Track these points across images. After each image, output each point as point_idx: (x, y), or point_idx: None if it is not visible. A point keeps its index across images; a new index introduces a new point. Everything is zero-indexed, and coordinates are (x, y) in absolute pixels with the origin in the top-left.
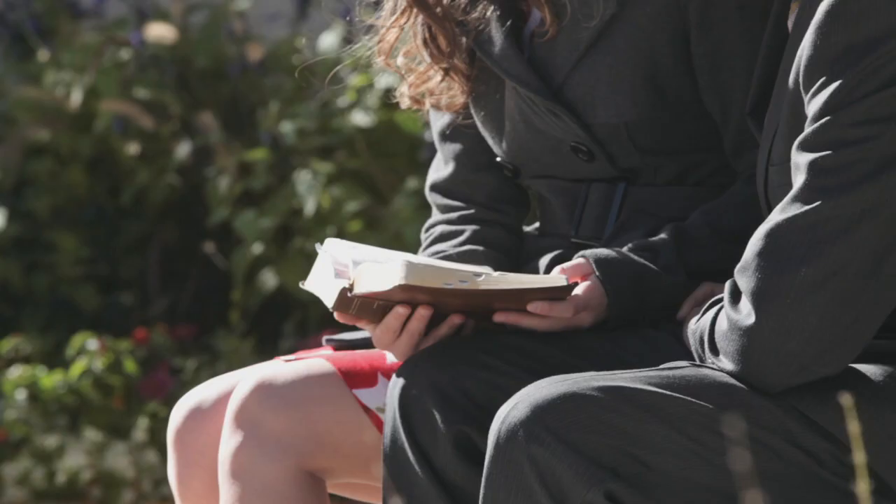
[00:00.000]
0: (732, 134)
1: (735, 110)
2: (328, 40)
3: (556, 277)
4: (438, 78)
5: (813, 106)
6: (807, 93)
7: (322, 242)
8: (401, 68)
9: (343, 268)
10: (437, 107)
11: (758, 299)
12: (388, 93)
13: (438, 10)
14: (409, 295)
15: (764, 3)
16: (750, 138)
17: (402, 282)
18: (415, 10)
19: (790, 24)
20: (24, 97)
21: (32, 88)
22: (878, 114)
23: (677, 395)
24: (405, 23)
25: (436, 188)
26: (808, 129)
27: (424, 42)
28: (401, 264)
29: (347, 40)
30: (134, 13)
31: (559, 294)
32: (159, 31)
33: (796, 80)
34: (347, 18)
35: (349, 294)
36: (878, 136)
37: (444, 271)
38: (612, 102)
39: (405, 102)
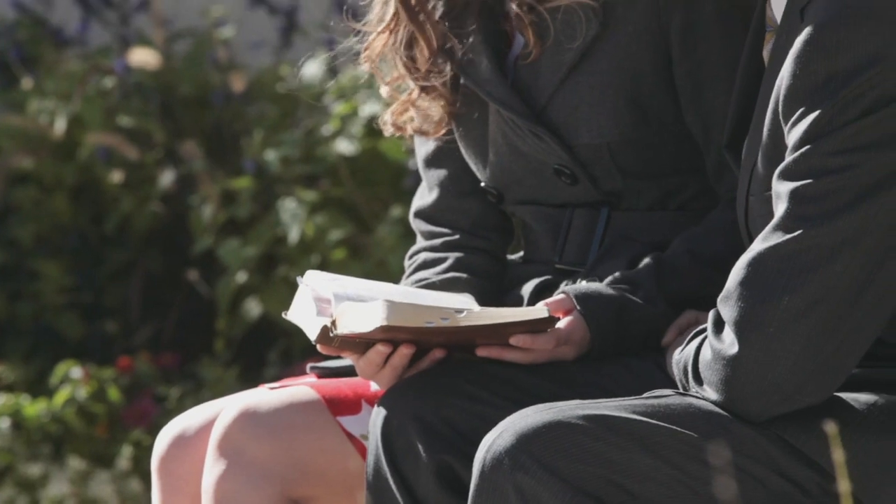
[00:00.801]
0: (714, 155)
1: (716, 131)
2: (312, 69)
3: (538, 309)
4: (421, 102)
5: (793, 135)
6: (786, 122)
7: (306, 271)
8: (384, 78)
9: (325, 303)
10: (419, 131)
11: (741, 329)
12: (373, 121)
13: (422, 16)
14: (390, 335)
15: (744, 23)
16: None
17: (384, 323)
18: (405, 19)
19: (765, 54)
20: (7, 125)
21: (16, 116)
22: (859, 142)
23: (662, 423)
24: (392, 28)
25: (420, 214)
26: (789, 158)
27: (407, 57)
28: (382, 305)
29: (332, 69)
30: (118, 41)
31: (541, 326)
32: (142, 57)
33: (775, 110)
34: (331, 47)
35: (331, 334)
36: (859, 165)
37: (425, 310)
38: (594, 123)
39: (388, 130)
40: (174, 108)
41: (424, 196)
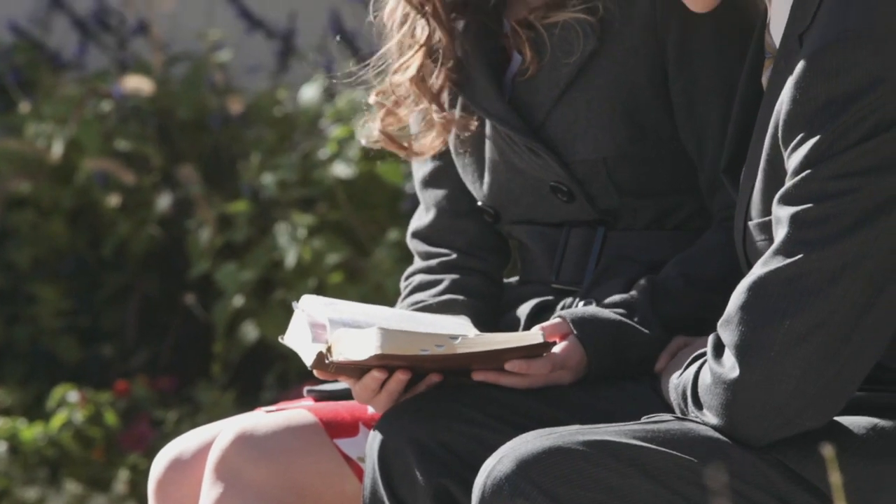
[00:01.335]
0: (708, 171)
1: (711, 147)
2: (309, 92)
3: (533, 334)
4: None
5: (793, 160)
6: (786, 147)
7: (302, 295)
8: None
9: (320, 329)
10: (416, 152)
11: (742, 352)
12: (368, 152)
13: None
14: (385, 362)
15: (741, 41)
16: None
17: (378, 351)
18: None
19: (764, 81)
20: (5, 149)
21: (13, 140)
22: (859, 167)
23: (662, 448)
24: (411, 65)
25: (417, 235)
26: (789, 182)
27: (420, 81)
28: (376, 333)
29: (329, 92)
30: (115, 65)
31: (536, 351)
32: (136, 84)
33: (774, 135)
34: (329, 71)
35: (326, 361)
36: (859, 189)
37: (420, 337)
38: (590, 138)
39: (377, 140)
40: (171, 131)
41: (421, 217)
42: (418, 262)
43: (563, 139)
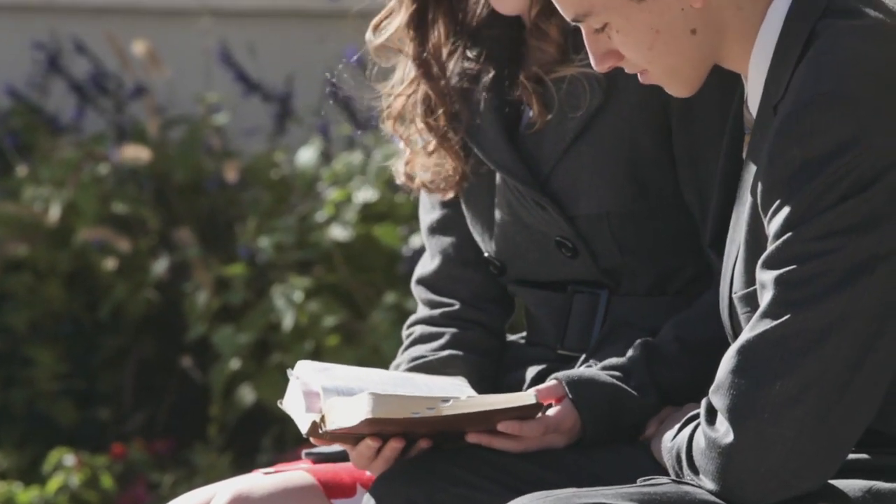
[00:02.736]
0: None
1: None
2: (306, 155)
3: (525, 395)
4: (430, 155)
5: (774, 224)
6: (766, 213)
7: (297, 361)
8: (403, 135)
9: (314, 397)
10: (431, 187)
11: (734, 417)
12: (366, 207)
13: (441, 81)
14: (377, 427)
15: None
16: None
17: (369, 416)
18: (422, 81)
19: (744, 155)
20: (2, 212)
21: (11, 204)
22: (840, 226)
23: None
24: (412, 93)
25: (421, 282)
26: (772, 246)
27: (424, 114)
28: (367, 399)
29: (326, 155)
30: (112, 129)
31: (529, 413)
32: (135, 153)
33: (754, 204)
34: (325, 133)
35: (320, 430)
36: (841, 248)
37: (411, 401)
38: (594, 192)
39: (400, 178)
40: (168, 194)
41: (427, 264)
42: (421, 311)
43: (567, 193)
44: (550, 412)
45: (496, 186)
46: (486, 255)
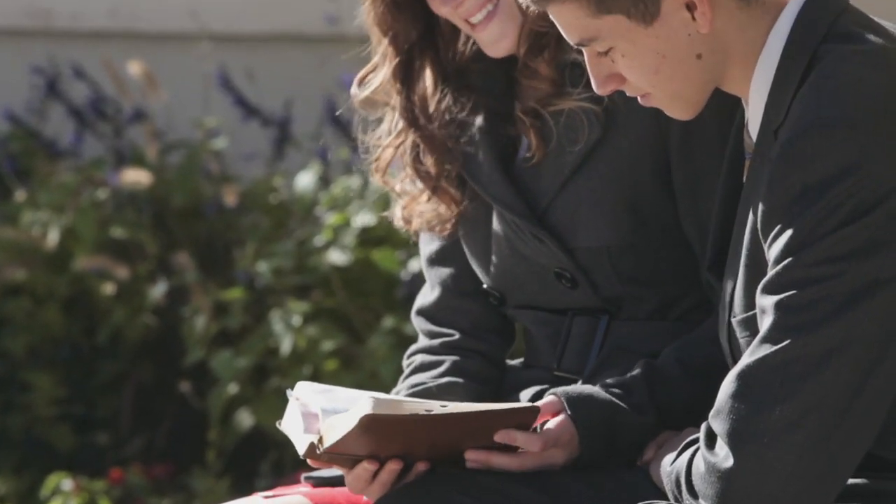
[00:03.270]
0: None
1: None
2: (305, 179)
3: (523, 403)
4: (425, 199)
5: (774, 249)
6: (766, 238)
7: (298, 382)
8: (395, 187)
9: (312, 418)
10: (429, 228)
11: (734, 441)
12: (365, 231)
13: (430, 130)
14: (375, 438)
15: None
16: None
17: (369, 411)
18: (410, 131)
19: (744, 179)
20: (0, 237)
21: (9, 228)
22: (840, 252)
23: None
24: (400, 143)
25: (421, 313)
26: (772, 272)
27: (414, 162)
28: (367, 400)
29: (324, 180)
30: (111, 153)
31: (525, 418)
32: (135, 177)
33: (754, 228)
34: (324, 158)
35: (318, 451)
36: (842, 274)
37: (409, 403)
38: (593, 226)
39: (398, 223)
40: (167, 219)
41: (427, 295)
42: (422, 341)
43: (566, 226)
44: (549, 425)
45: (493, 218)
46: (485, 286)
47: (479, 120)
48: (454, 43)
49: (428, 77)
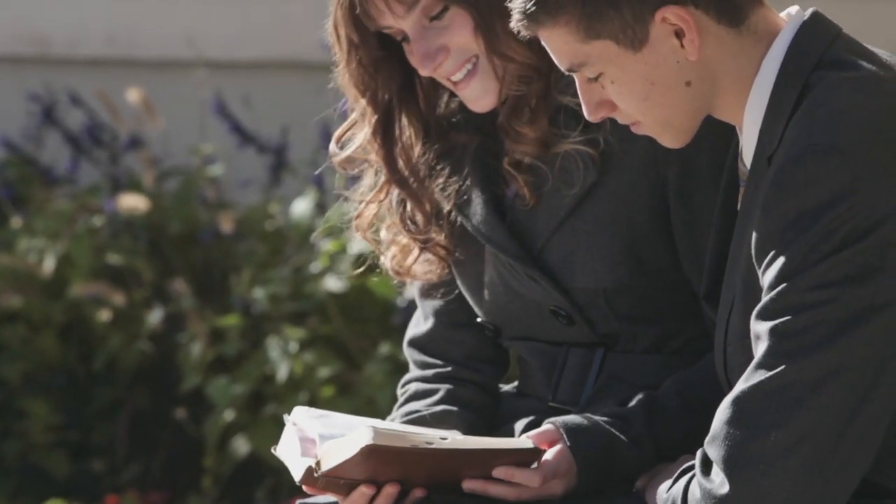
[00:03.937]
0: None
1: None
2: (301, 206)
3: (523, 440)
4: (416, 252)
5: (768, 275)
6: (760, 264)
7: (293, 408)
8: (381, 243)
9: (310, 443)
10: (425, 280)
11: (730, 467)
12: (361, 258)
13: (415, 184)
14: (374, 466)
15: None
16: None
17: (370, 442)
18: (392, 186)
19: (739, 207)
20: None
21: (5, 255)
22: (834, 277)
23: None
24: (383, 198)
25: (413, 343)
26: (766, 297)
27: (401, 218)
28: (367, 430)
29: (320, 206)
30: (107, 180)
31: (526, 458)
32: (132, 203)
33: (748, 256)
34: (320, 185)
35: (315, 475)
36: (836, 299)
37: (410, 435)
38: (590, 269)
39: (389, 273)
40: (163, 246)
41: (419, 325)
42: (414, 371)
43: (561, 268)
44: (547, 456)
45: (485, 255)
46: (479, 319)
47: (468, 161)
48: (435, 93)
49: (410, 129)
